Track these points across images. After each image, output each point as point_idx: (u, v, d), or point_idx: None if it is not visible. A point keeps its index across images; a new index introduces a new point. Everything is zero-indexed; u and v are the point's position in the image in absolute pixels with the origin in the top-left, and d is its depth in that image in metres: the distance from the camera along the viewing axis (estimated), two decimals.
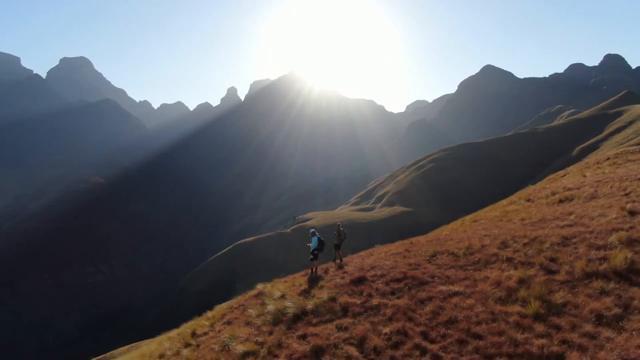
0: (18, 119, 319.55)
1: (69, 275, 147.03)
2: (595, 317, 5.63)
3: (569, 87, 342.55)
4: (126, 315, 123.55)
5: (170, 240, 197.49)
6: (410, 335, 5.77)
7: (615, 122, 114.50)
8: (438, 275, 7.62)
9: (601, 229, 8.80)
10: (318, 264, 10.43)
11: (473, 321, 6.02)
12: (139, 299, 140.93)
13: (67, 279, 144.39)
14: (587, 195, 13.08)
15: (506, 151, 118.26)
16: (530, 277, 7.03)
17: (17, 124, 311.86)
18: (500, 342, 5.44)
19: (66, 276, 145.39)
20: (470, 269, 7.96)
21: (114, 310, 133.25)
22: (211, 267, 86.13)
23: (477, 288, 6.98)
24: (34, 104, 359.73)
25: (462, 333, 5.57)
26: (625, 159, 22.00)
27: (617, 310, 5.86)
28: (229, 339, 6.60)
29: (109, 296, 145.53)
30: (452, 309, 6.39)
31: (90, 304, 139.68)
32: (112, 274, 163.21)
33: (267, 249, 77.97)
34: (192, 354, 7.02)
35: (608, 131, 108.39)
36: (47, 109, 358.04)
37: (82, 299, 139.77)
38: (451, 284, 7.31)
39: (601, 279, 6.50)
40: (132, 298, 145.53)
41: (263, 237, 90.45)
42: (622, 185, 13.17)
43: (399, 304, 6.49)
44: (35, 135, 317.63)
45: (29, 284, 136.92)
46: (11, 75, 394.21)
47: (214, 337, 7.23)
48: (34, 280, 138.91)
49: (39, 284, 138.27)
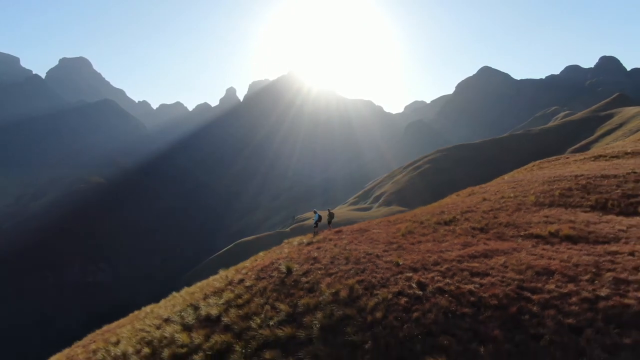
0: (18, 119, 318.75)
1: (70, 274, 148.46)
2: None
3: (565, 88, 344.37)
4: (127, 313, 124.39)
5: (170, 240, 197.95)
6: (354, 243, 11.09)
7: (607, 124, 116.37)
8: (376, 228, 13.16)
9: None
10: (318, 230, 15.41)
11: (378, 239, 11.47)
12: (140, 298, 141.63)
13: (68, 278, 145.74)
14: (492, 190, 16.94)
15: (501, 152, 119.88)
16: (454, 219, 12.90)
17: (17, 124, 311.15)
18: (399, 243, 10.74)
19: (67, 275, 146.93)
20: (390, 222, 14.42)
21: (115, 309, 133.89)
22: (211, 266, 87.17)
23: (389, 229, 12.86)
24: (33, 104, 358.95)
25: (372, 241, 11.22)
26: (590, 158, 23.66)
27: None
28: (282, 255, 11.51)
29: (110, 294, 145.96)
30: (372, 235, 11.90)
31: (91, 302, 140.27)
32: (112, 272, 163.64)
33: (266, 248, 78.90)
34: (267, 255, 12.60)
35: (599, 133, 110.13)
36: (46, 109, 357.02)
37: (83, 297, 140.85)
38: (379, 229, 12.78)
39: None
40: (133, 296, 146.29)
41: (262, 236, 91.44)
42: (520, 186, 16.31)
43: (352, 236, 12.33)
44: (35, 136, 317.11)
45: (31, 283, 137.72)
46: (11, 76, 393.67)
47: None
48: (36, 278, 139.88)
49: (41, 283, 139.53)
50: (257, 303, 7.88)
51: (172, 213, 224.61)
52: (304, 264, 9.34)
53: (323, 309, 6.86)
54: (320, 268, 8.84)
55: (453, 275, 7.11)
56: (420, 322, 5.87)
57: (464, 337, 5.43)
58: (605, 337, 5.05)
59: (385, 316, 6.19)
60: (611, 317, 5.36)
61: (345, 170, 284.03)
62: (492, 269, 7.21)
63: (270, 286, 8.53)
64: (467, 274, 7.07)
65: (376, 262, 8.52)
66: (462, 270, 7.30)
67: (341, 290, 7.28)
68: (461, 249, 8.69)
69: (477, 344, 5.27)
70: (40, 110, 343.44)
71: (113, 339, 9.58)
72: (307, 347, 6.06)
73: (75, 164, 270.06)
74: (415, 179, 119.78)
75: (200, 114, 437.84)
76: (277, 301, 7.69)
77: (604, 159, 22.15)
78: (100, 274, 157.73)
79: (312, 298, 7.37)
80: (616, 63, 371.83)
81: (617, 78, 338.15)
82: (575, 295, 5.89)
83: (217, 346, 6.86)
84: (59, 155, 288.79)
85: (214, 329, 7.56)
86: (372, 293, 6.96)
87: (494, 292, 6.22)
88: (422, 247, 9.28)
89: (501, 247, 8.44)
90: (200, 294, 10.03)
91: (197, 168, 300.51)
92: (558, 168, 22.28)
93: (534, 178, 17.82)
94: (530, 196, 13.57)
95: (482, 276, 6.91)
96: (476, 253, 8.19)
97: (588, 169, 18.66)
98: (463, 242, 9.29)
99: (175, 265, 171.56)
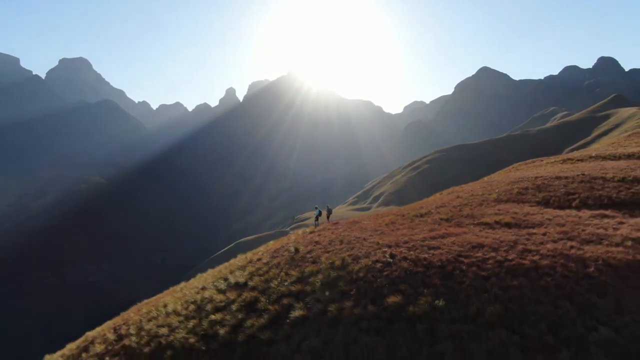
0: (18, 120, 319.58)
1: (72, 273, 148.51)
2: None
3: (564, 88, 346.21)
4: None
5: (170, 239, 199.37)
6: (347, 231, 13.83)
7: (603, 125, 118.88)
8: (366, 220, 15.72)
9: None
10: (319, 223, 17.98)
11: (366, 228, 14.07)
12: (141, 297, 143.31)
13: (69, 278, 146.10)
14: (467, 190, 19.92)
15: (500, 152, 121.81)
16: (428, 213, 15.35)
17: (17, 124, 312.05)
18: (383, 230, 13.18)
19: (69, 275, 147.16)
20: (378, 216, 17.47)
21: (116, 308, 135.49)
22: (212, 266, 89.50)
23: (377, 221, 15.76)
24: (33, 105, 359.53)
25: (362, 229, 14.19)
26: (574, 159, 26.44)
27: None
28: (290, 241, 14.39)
29: (111, 294, 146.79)
30: (362, 225, 14.86)
31: (92, 301, 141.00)
32: (113, 272, 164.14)
33: None
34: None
35: (595, 134, 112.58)
36: (46, 109, 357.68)
37: (84, 297, 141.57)
38: (369, 221, 15.66)
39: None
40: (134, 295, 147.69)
41: (263, 235, 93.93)
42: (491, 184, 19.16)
43: (346, 226, 15.04)
44: (35, 136, 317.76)
45: (32, 282, 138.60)
46: (11, 76, 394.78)
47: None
48: (37, 278, 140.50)
49: (42, 282, 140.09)
50: (274, 272, 10.74)
51: (172, 213, 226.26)
52: (308, 246, 12.21)
53: (323, 272, 9.74)
54: (320, 248, 11.72)
55: (415, 249, 9.98)
56: (388, 278, 8.73)
57: (415, 285, 8.29)
58: (502, 281, 7.92)
59: (366, 275, 9.06)
60: (510, 271, 8.22)
61: (344, 170, 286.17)
62: (444, 245, 10.09)
63: (283, 261, 11.39)
64: (425, 248, 9.94)
65: (363, 243, 11.40)
66: (423, 246, 10.17)
67: (336, 261, 10.16)
68: (427, 233, 11.57)
69: (422, 288, 8.13)
70: (40, 110, 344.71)
71: (160, 303, 12.41)
72: (312, 295, 8.92)
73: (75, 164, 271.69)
74: (414, 179, 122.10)
75: (199, 115, 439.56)
76: (289, 270, 10.57)
77: (570, 162, 25.10)
78: (101, 273, 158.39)
79: (315, 266, 10.25)
80: (614, 64, 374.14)
81: (615, 78, 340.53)
82: (492, 259, 8.75)
83: (248, 299, 9.72)
84: (59, 156, 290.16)
85: (243, 290, 10.41)
86: (357, 261, 9.85)
87: (440, 258, 9.09)
88: (399, 232, 12.15)
89: (456, 232, 11.32)
90: (227, 270, 12.87)
91: (197, 168, 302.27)
92: (529, 170, 25.19)
93: (504, 179, 20.73)
94: (493, 194, 16.48)
95: (435, 249, 9.78)
96: (436, 235, 11.08)
97: (551, 171, 21.57)
98: (430, 228, 12.18)
99: (176, 265, 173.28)
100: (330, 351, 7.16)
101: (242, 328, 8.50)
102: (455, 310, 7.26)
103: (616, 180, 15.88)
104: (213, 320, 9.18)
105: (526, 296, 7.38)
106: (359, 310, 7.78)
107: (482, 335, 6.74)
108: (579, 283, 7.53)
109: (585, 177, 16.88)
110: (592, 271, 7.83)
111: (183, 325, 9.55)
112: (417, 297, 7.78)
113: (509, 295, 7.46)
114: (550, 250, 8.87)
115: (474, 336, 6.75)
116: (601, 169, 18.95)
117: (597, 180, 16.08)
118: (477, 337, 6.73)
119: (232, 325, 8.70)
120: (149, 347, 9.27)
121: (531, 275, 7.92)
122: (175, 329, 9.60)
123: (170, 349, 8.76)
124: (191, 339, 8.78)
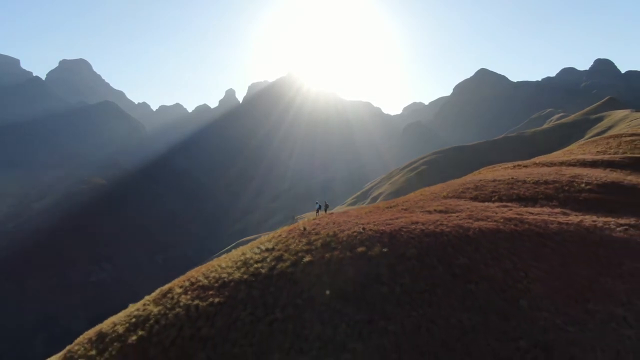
0: (18, 121, 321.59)
1: (74, 273, 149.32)
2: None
3: (561, 90, 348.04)
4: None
5: (170, 240, 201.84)
6: (338, 217, 17.39)
7: (596, 127, 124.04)
8: (353, 211, 20.82)
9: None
10: (319, 214, 23.76)
11: (352, 215, 17.39)
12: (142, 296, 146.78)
13: (71, 278, 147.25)
14: (432, 189, 25.00)
15: (497, 153, 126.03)
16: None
17: (18, 125, 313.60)
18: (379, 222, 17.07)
19: (71, 275, 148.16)
20: (361, 209, 20.96)
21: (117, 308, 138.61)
22: None
23: (360, 212, 18.71)
24: (34, 106, 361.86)
25: (349, 216, 17.05)
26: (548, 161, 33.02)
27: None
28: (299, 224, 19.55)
29: (112, 294, 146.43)
30: (349, 214, 17.70)
31: (94, 301, 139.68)
32: (115, 272, 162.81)
33: None
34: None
35: (588, 136, 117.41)
36: (47, 110, 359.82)
37: (86, 297, 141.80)
38: (354, 212, 19.05)
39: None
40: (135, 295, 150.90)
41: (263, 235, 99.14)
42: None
43: (338, 215, 19.42)
44: (35, 137, 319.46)
45: (35, 283, 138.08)
46: (11, 77, 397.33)
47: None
48: (39, 278, 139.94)
49: (44, 283, 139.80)
50: (291, 241, 17.17)
51: (172, 213, 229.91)
52: (312, 226, 18.59)
53: (322, 239, 16.19)
54: (320, 226, 18.18)
55: (379, 225, 16.45)
56: (359, 239, 15.22)
57: (374, 242, 14.81)
58: (420, 239, 14.44)
59: (347, 238, 15.54)
60: (426, 234, 14.71)
61: (344, 171, 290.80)
62: (395, 222, 16.58)
63: (296, 234, 17.78)
64: (384, 224, 16.41)
65: (347, 223, 17.87)
66: (383, 223, 16.66)
67: (330, 232, 16.62)
68: (389, 217, 18.04)
69: (377, 243, 14.63)
70: (40, 111, 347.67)
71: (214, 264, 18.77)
72: (315, 250, 15.36)
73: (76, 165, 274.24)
74: (412, 180, 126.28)
75: (199, 115, 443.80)
76: (300, 239, 17.00)
77: (518, 168, 31.63)
78: (102, 273, 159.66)
79: (316, 236, 16.71)
80: (611, 66, 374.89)
81: (611, 81, 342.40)
82: (419, 228, 15.22)
83: (276, 255, 16.14)
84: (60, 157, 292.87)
85: (272, 252, 16.81)
86: (342, 232, 16.33)
87: (390, 228, 15.55)
88: (371, 217, 18.64)
89: (406, 216, 17.81)
90: (257, 243, 19.22)
91: (197, 169, 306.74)
92: (488, 173, 31.70)
93: (461, 181, 27.24)
94: (444, 192, 22.98)
95: (389, 224, 16.25)
96: (394, 218, 17.55)
97: (500, 175, 28.05)
98: (392, 214, 18.66)
99: (177, 265, 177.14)
100: (326, 274, 13.63)
101: (275, 269, 14.88)
102: (392, 253, 13.74)
103: (531, 182, 22.38)
104: (257, 267, 15.54)
105: (431, 247, 13.84)
106: (342, 255, 14.25)
107: (406, 263, 13.21)
108: (460, 239, 14.02)
109: (511, 180, 23.41)
110: (470, 233, 14.30)
111: (237, 272, 15.88)
112: (373, 247, 14.25)
113: (422, 245, 13.94)
114: (454, 224, 15.35)
115: (400, 265, 13.20)
116: (529, 174, 25.48)
117: (518, 183, 22.60)
118: (402, 265, 13.20)
119: (269, 267, 15.11)
120: (217, 284, 15.54)
121: (437, 236, 14.41)
122: (231, 273, 15.92)
123: (232, 282, 15.10)
124: (245, 276, 15.15)
